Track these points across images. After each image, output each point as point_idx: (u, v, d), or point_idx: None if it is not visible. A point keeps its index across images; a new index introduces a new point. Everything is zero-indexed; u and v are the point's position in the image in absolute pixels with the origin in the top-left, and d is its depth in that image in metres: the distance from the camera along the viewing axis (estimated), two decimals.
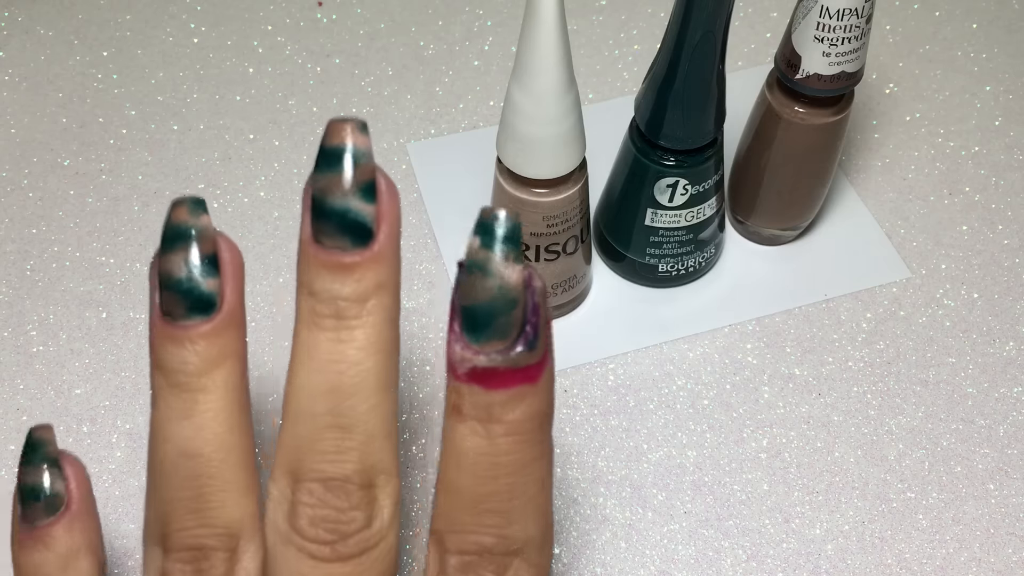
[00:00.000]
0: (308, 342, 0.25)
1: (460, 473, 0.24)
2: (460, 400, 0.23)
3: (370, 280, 0.24)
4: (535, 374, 0.23)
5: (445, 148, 0.46)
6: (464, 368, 0.23)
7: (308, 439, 0.24)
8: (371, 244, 0.24)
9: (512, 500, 0.23)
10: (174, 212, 0.25)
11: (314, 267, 0.24)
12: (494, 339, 0.22)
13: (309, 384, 0.24)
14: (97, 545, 0.27)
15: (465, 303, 0.22)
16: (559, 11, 0.31)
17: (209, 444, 0.25)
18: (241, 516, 0.25)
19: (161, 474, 0.26)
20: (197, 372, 0.25)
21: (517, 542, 0.24)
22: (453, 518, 0.24)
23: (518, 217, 0.22)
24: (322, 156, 0.24)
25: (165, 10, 0.51)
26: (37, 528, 0.26)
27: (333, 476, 0.24)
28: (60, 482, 0.27)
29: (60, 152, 0.46)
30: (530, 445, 0.23)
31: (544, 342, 0.23)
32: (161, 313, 0.25)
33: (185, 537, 0.25)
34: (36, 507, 0.26)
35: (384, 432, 0.25)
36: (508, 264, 0.22)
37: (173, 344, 0.25)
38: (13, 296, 0.42)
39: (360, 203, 0.24)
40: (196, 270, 0.25)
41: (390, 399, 0.25)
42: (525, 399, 0.23)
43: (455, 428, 0.23)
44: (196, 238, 0.25)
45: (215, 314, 0.25)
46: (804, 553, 0.36)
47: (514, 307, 0.22)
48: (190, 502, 0.25)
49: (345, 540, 0.24)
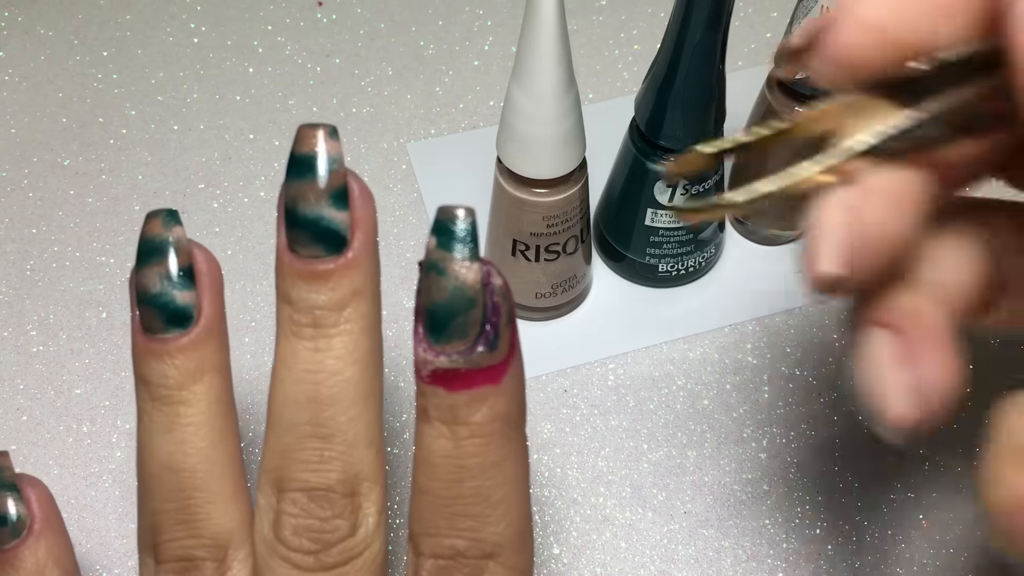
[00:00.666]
0: (287, 351, 0.24)
1: (429, 476, 0.23)
2: (426, 402, 0.23)
3: (346, 288, 0.24)
4: (497, 375, 0.22)
5: (445, 148, 0.46)
6: (427, 370, 0.23)
7: (290, 448, 0.24)
8: (345, 251, 0.24)
9: (483, 502, 0.23)
10: (147, 225, 0.25)
11: (290, 276, 0.24)
12: (454, 339, 0.22)
13: (289, 394, 0.24)
14: (65, 560, 0.28)
15: (425, 304, 0.22)
16: (559, 11, 0.31)
17: (191, 457, 0.25)
18: (229, 526, 0.25)
19: (148, 486, 0.26)
20: (177, 385, 0.25)
21: (490, 545, 0.23)
22: (426, 521, 0.24)
23: (475, 215, 0.22)
24: (292, 164, 0.24)
25: (165, 10, 0.51)
26: (4, 551, 0.27)
27: (316, 486, 0.24)
28: (20, 505, 0.27)
29: (60, 152, 0.46)
30: (497, 447, 0.23)
31: (507, 342, 0.22)
32: (140, 327, 0.25)
33: (174, 548, 0.25)
34: (2, 531, 0.27)
35: (366, 440, 0.24)
36: (464, 263, 0.22)
37: (153, 358, 0.25)
38: (13, 296, 0.42)
39: (332, 210, 0.24)
40: (170, 284, 0.25)
41: (372, 407, 0.25)
42: (487, 400, 0.23)
43: (422, 430, 0.23)
44: (169, 251, 0.25)
45: (192, 327, 0.25)
46: (804, 553, 0.36)
47: (472, 307, 0.22)
48: (176, 513, 0.25)
49: (328, 549, 0.24)
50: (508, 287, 0.23)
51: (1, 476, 0.28)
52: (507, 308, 0.22)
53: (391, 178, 0.45)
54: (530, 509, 0.24)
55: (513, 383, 0.23)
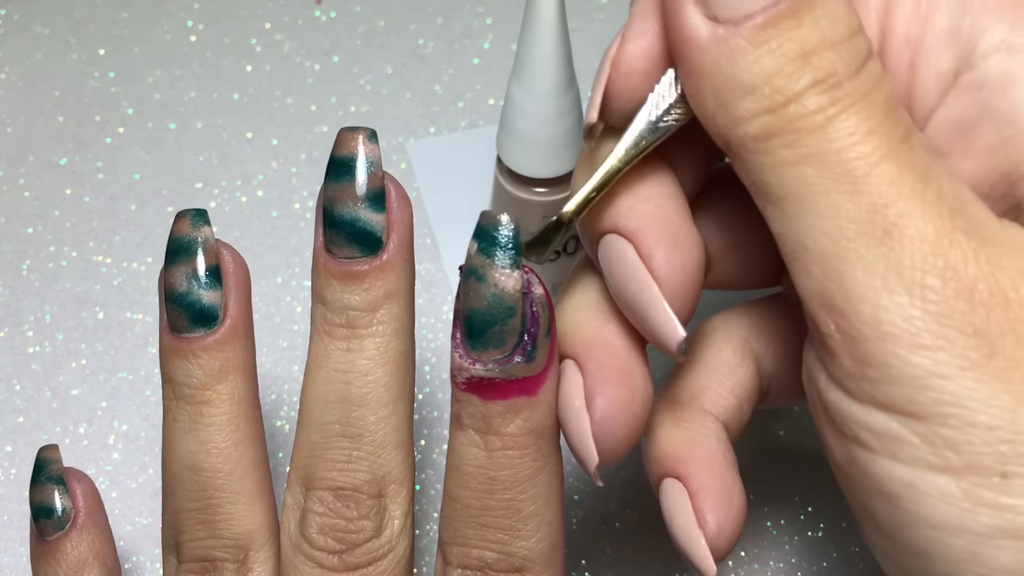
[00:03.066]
0: (319, 351, 0.25)
1: (459, 485, 0.23)
2: (460, 409, 0.23)
3: (379, 289, 0.24)
4: (533, 387, 0.22)
5: (445, 147, 0.46)
6: (463, 377, 0.22)
7: (319, 447, 0.24)
8: (380, 253, 0.24)
9: (513, 516, 0.23)
10: (176, 225, 0.26)
11: (325, 276, 0.24)
12: (491, 348, 0.22)
13: (320, 393, 0.24)
14: (106, 555, 0.28)
15: (463, 310, 0.22)
16: (559, 9, 0.31)
17: (213, 457, 0.25)
18: (250, 527, 0.25)
19: (171, 485, 0.26)
20: (201, 385, 0.25)
21: (519, 559, 0.23)
22: (455, 530, 0.24)
23: (519, 223, 0.22)
24: (331, 166, 0.24)
25: (162, 8, 0.51)
26: (48, 542, 0.27)
27: (343, 485, 0.24)
28: (66, 498, 0.28)
29: (56, 151, 0.46)
30: (530, 460, 0.23)
31: (545, 354, 0.22)
32: (168, 326, 0.25)
33: (195, 548, 0.25)
34: (46, 523, 0.27)
35: (395, 442, 0.24)
36: (504, 271, 0.22)
37: (178, 357, 0.25)
38: (9, 296, 0.42)
39: (369, 212, 0.24)
40: (196, 283, 0.25)
41: (402, 409, 0.25)
42: (521, 412, 0.22)
43: (455, 437, 0.23)
44: (197, 251, 0.25)
45: (218, 327, 0.25)
46: (807, 555, 0.36)
47: (510, 315, 0.22)
48: (198, 513, 0.25)
49: (353, 550, 0.24)
50: (549, 297, 0.23)
51: (49, 469, 0.28)
52: (546, 319, 0.22)
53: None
54: (562, 524, 0.24)
55: (549, 396, 0.23)
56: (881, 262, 0.18)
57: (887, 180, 0.18)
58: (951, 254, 0.18)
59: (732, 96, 0.19)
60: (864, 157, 0.18)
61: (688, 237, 0.22)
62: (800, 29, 0.18)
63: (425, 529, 0.37)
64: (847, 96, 0.18)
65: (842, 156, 0.18)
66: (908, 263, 0.18)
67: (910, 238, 0.18)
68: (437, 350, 0.40)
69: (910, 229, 0.18)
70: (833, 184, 0.18)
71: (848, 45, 0.19)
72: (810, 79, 0.18)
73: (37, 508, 0.27)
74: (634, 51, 0.21)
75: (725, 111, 0.19)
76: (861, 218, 0.18)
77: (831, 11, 0.19)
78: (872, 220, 0.18)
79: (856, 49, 0.19)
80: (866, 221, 0.18)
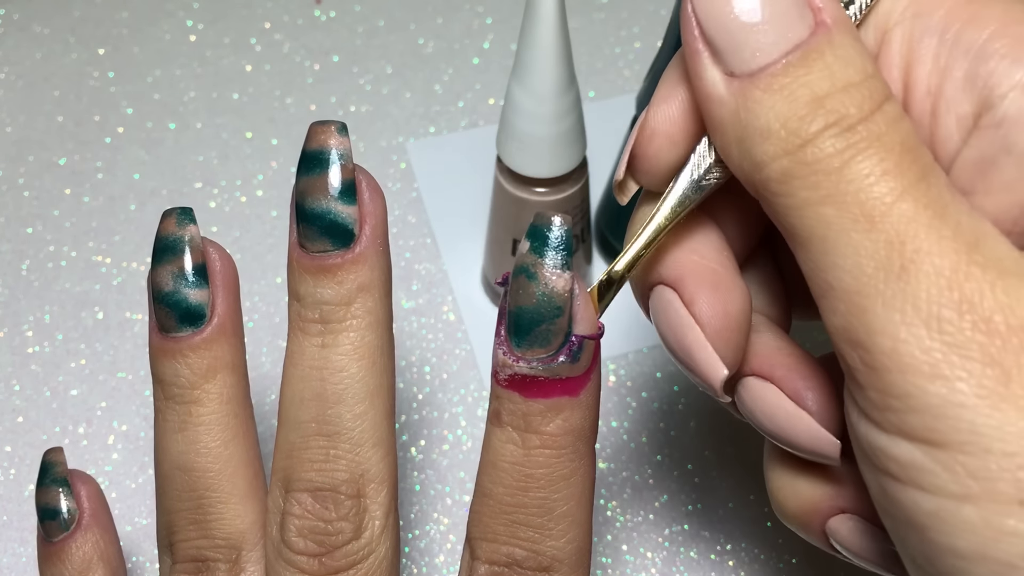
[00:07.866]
0: (295, 348, 0.24)
1: (493, 481, 0.23)
2: (500, 406, 0.23)
3: (352, 283, 0.24)
4: (576, 387, 0.23)
5: (444, 147, 0.46)
6: (505, 374, 0.23)
7: (296, 447, 0.24)
8: (352, 246, 0.24)
9: (546, 514, 0.23)
10: (162, 224, 0.25)
11: (298, 271, 0.24)
12: (536, 346, 0.22)
13: (296, 391, 0.24)
14: (111, 555, 0.28)
15: (511, 307, 0.22)
16: (559, 8, 0.31)
17: (203, 457, 0.25)
18: (242, 527, 0.25)
19: (163, 485, 0.26)
20: (190, 384, 0.25)
21: (548, 559, 0.23)
22: (486, 525, 0.24)
23: (571, 224, 0.22)
24: (302, 160, 0.24)
25: (162, 7, 0.50)
26: (53, 544, 0.27)
27: (321, 485, 0.24)
28: (70, 500, 0.28)
29: (56, 151, 0.46)
30: (567, 460, 0.23)
31: (589, 356, 0.23)
32: (156, 326, 0.25)
33: (187, 548, 0.25)
34: (52, 525, 0.27)
35: (374, 439, 0.24)
36: (555, 271, 0.22)
37: (166, 357, 0.25)
38: (9, 296, 0.42)
39: (340, 205, 0.24)
40: (183, 282, 0.25)
41: (380, 405, 0.24)
42: (562, 412, 0.23)
43: (493, 433, 0.23)
44: (183, 250, 0.25)
45: (205, 326, 0.25)
46: (807, 555, 0.36)
47: (558, 315, 0.22)
48: (189, 513, 0.25)
49: (332, 553, 0.24)
50: (595, 303, 0.23)
51: (54, 471, 0.28)
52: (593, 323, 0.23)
53: (390, 177, 0.45)
54: (591, 527, 0.24)
55: (590, 398, 0.23)
56: (899, 296, 0.19)
57: (904, 218, 0.19)
58: (967, 287, 0.18)
59: (752, 142, 0.20)
60: (881, 197, 0.19)
61: (730, 283, 0.23)
62: (811, 75, 0.19)
63: (425, 529, 0.37)
64: (862, 140, 0.19)
65: (859, 197, 0.19)
66: (924, 297, 0.18)
67: (926, 273, 0.18)
68: (437, 350, 0.40)
69: (926, 264, 0.18)
70: (852, 224, 0.19)
71: (860, 88, 0.19)
72: (823, 122, 0.19)
73: (42, 510, 0.27)
74: (657, 116, 0.22)
75: (748, 157, 0.20)
76: (879, 255, 0.19)
77: (842, 56, 0.19)
78: (890, 257, 0.19)
79: (870, 91, 0.19)
80: (884, 258, 0.19)
